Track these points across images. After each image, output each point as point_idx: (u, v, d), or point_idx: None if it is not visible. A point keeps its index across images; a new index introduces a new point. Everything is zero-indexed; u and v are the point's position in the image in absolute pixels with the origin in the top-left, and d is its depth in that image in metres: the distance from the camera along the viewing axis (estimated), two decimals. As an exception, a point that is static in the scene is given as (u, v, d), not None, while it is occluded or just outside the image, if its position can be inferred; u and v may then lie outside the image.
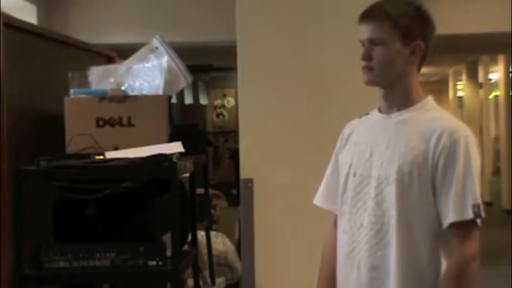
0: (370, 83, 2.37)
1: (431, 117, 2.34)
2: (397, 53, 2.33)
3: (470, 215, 2.24)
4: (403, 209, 2.28)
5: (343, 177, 2.43)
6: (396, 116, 2.37)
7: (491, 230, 9.89)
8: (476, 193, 2.26)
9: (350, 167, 2.40)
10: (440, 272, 2.29)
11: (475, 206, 2.24)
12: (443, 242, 2.29)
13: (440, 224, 2.28)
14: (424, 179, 2.27)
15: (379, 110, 2.43)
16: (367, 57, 2.33)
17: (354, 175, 2.39)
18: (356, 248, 2.35)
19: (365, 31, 2.34)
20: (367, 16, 2.34)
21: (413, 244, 2.28)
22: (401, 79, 2.36)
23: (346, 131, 2.53)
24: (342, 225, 2.42)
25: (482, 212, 2.26)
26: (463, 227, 2.25)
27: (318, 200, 2.58)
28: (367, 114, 2.50)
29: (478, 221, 2.26)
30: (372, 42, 2.33)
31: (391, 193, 2.29)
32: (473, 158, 2.28)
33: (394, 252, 2.28)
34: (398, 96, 2.37)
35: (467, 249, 2.24)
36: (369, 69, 2.34)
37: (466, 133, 2.30)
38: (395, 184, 2.28)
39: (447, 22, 7.14)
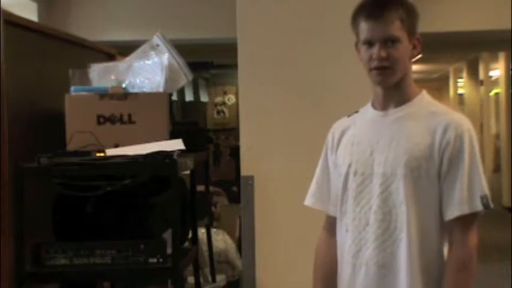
0: (387, 83, 2.33)
1: (431, 111, 2.34)
2: (407, 50, 2.32)
3: (479, 207, 2.26)
4: (413, 204, 2.28)
5: (342, 177, 2.41)
6: (395, 113, 2.36)
7: (491, 227, 9.89)
8: (483, 184, 2.28)
9: (349, 166, 2.38)
10: (444, 260, 2.30)
11: (484, 198, 2.26)
12: (446, 232, 2.30)
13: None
14: (432, 173, 2.28)
15: (373, 107, 2.42)
16: (383, 57, 2.28)
17: (355, 174, 2.37)
18: (364, 247, 2.34)
19: (377, 30, 2.28)
20: (377, 15, 2.28)
21: (424, 238, 2.29)
22: (405, 76, 2.35)
23: (336, 131, 2.49)
24: (345, 224, 2.40)
25: (490, 203, 2.28)
26: (466, 219, 2.27)
27: (309, 201, 2.56)
28: (357, 112, 2.48)
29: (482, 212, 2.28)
30: (386, 41, 2.28)
31: (398, 189, 2.29)
32: (477, 151, 2.30)
33: (405, 248, 2.28)
34: (398, 93, 2.36)
35: (470, 242, 2.26)
36: (384, 68, 2.29)
37: (468, 126, 2.32)
38: (403, 180, 2.28)
39: (448, 19, 7.15)
